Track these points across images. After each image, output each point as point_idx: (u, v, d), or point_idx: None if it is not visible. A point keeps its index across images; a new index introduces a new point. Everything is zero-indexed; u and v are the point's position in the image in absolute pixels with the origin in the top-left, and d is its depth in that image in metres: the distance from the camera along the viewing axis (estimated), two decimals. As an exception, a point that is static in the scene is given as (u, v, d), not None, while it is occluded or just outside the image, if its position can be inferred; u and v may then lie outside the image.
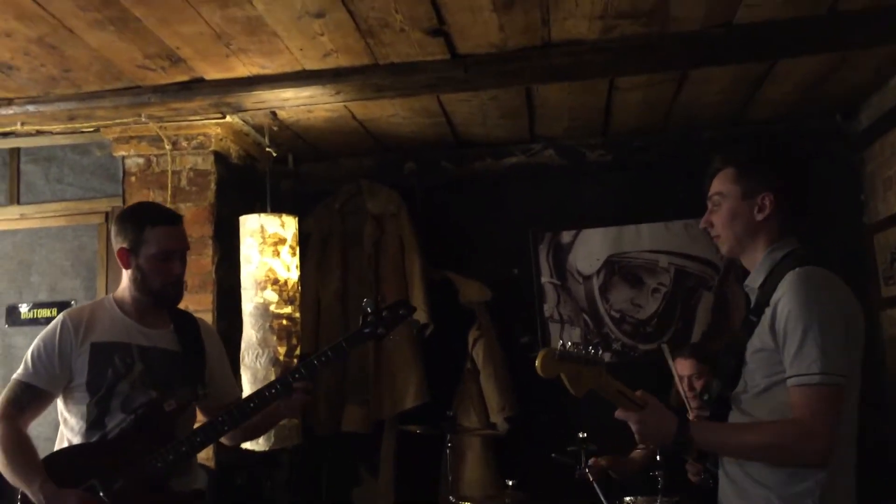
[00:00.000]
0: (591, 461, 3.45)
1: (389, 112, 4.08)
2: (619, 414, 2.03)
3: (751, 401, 2.04)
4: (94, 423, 2.44)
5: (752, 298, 2.13)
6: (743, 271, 2.24)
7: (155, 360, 2.53)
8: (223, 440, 2.68)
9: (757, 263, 2.13)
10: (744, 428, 2.03)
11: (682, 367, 3.58)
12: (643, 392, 2.04)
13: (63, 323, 2.51)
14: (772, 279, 2.05)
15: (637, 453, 3.76)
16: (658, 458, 3.19)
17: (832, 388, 1.89)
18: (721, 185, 2.17)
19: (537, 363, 1.96)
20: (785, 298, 1.95)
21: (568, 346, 1.98)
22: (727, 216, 2.14)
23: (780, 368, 1.96)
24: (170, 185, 3.96)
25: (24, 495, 2.34)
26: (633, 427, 2.02)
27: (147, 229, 2.51)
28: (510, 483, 3.59)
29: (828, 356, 1.88)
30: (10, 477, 2.36)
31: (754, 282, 2.12)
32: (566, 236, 4.72)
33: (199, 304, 3.80)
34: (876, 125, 4.19)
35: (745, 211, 2.12)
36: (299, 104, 3.75)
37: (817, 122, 4.49)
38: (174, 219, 2.61)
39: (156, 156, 4.02)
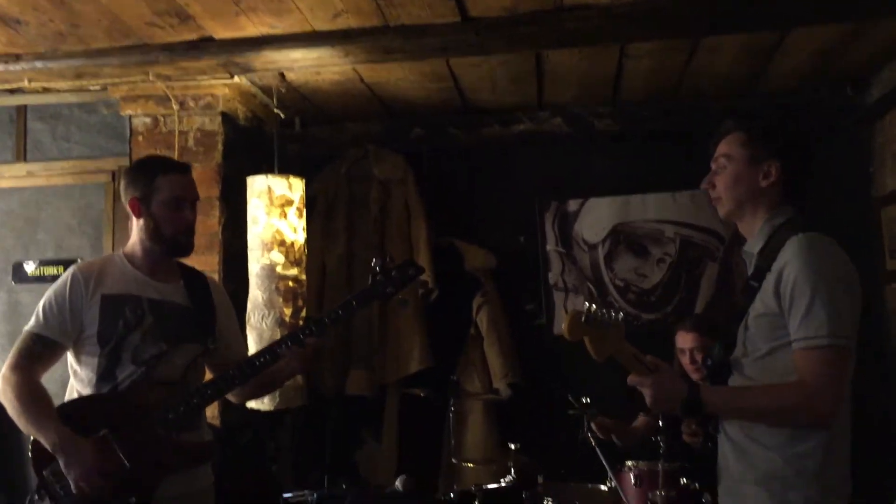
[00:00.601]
0: (596, 419, 3.47)
1: (398, 76, 4.06)
2: (631, 379, 2.06)
3: (752, 365, 2.06)
4: (104, 374, 2.46)
5: (751, 264, 2.15)
6: (738, 237, 2.24)
7: (165, 313, 2.54)
8: (230, 397, 2.70)
9: (756, 230, 2.15)
10: (752, 391, 2.05)
11: (683, 341, 3.59)
12: (653, 357, 2.07)
13: (74, 275, 2.52)
14: (772, 245, 2.07)
15: (639, 422, 3.80)
16: (660, 423, 3.22)
17: (840, 351, 1.93)
18: (729, 147, 2.18)
19: (564, 326, 2.01)
20: (791, 263, 1.97)
21: (593, 309, 2.00)
22: (731, 179, 2.16)
23: (782, 332, 1.99)
24: (177, 145, 3.95)
25: (35, 442, 2.36)
26: (646, 392, 2.03)
27: (159, 177, 2.54)
28: (513, 447, 3.62)
29: (835, 319, 1.92)
30: (23, 424, 2.37)
31: (753, 248, 2.14)
32: (572, 205, 4.72)
33: (205, 264, 3.79)
34: (886, 98, 4.16)
35: (750, 176, 2.13)
36: (308, 65, 3.72)
37: (828, 94, 4.46)
38: (184, 168, 2.64)
39: (163, 115, 4.01)
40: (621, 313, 2.04)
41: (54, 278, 3.85)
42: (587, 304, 2.02)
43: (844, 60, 4.02)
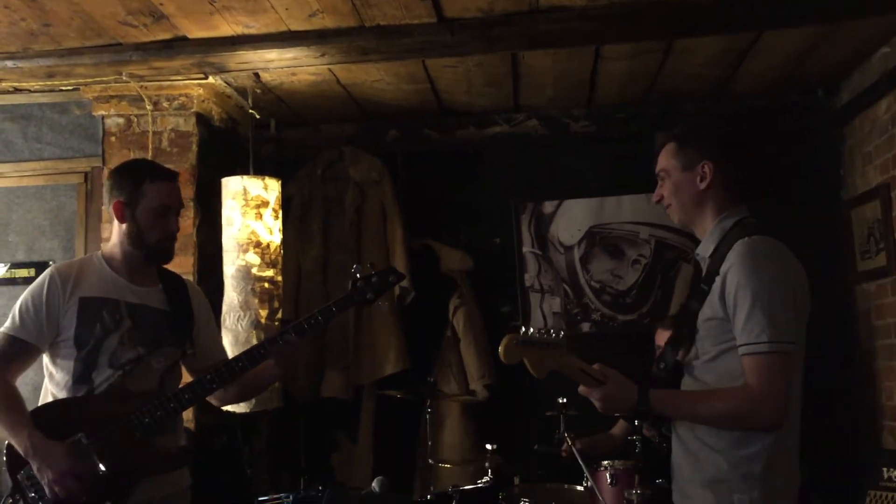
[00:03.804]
0: (564, 446, 3.47)
1: (374, 77, 4.05)
2: (582, 390, 2.10)
3: (701, 367, 2.11)
4: (80, 377, 2.43)
5: (704, 267, 2.18)
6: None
7: (143, 317, 2.51)
8: (212, 400, 2.70)
9: (707, 232, 2.18)
10: (701, 395, 2.10)
11: (661, 338, 3.62)
12: (601, 366, 2.11)
13: (51, 277, 2.48)
14: (722, 248, 2.10)
15: (618, 427, 3.81)
16: (635, 423, 3.24)
17: (782, 356, 1.96)
18: (664, 160, 2.24)
19: (500, 350, 2.03)
20: (734, 268, 2.01)
21: (530, 332, 2.04)
22: (672, 189, 2.21)
23: (729, 337, 2.03)
24: (150, 145, 3.92)
25: (10, 446, 2.33)
26: (597, 403, 2.09)
27: (146, 183, 2.51)
28: (489, 447, 3.62)
29: (776, 324, 1.95)
30: None
31: (705, 251, 2.17)
32: (548, 206, 4.73)
33: (180, 266, 3.72)
34: (856, 101, 4.22)
35: (688, 182, 2.18)
36: (283, 66, 3.71)
37: (799, 97, 4.52)
38: (172, 175, 2.62)
39: (136, 116, 3.97)
40: (561, 332, 2.07)
41: (26, 281, 3.81)
42: (523, 327, 2.05)
43: (815, 63, 4.07)
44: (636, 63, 4.00)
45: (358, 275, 2.58)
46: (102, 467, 2.32)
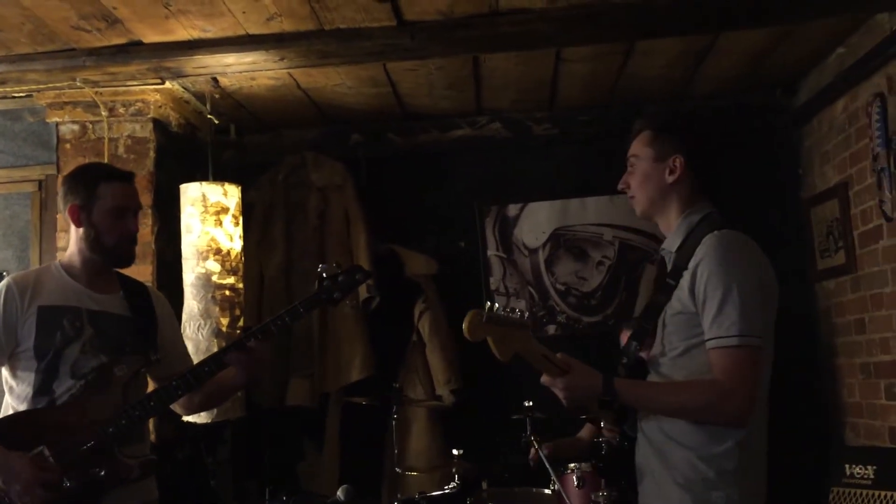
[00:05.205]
0: (531, 453, 3.45)
1: (335, 81, 4.02)
2: (544, 380, 2.03)
3: (669, 363, 2.07)
4: (41, 388, 2.37)
5: (669, 262, 2.15)
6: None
7: (105, 324, 2.47)
8: (177, 409, 2.65)
9: (673, 227, 2.16)
10: (667, 386, 2.06)
11: (625, 339, 3.63)
12: (564, 355, 2.04)
13: (8, 287, 2.43)
14: (689, 243, 2.08)
15: (586, 431, 3.80)
16: (602, 426, 3.23)
17: (751, 350, 1.93)
18: (637, 147, 2.21)
19: (465, 327, 1.92)
20: (704, 262, 1.99)
21: (496, 309, 1.94)
22: (640, 178, 2.19)
23: (698, 331, 2.00)
24: (106, 152, 3.83)
25: None
26: (560, 393, 2.02)
27: (101, 185, 2.47)
28: (456, 453, 3.59)
29: (746, 319, 1.92)
30: None
31: (671, 245, 2.15)
32: (512, 209, 4.73)
33: (138, 275, 3.60)
34: (814, 100, 4.27)
35: (658, 173, 2.15)
36: (242, 70, 3.66)
37: (758, 97, 4.57)
38: (127, 176, 2.58)
39: (91, 122, 3.89)
40: (527, 313, 2.01)
41: (-22, 292, 3.71)
42: (488, 302, 1.95)
43: (773, 64, 4.12)
44: (597, 65, 4.00)
45: (324, 274, 2.53)
46: (67, 481, 2.26)
